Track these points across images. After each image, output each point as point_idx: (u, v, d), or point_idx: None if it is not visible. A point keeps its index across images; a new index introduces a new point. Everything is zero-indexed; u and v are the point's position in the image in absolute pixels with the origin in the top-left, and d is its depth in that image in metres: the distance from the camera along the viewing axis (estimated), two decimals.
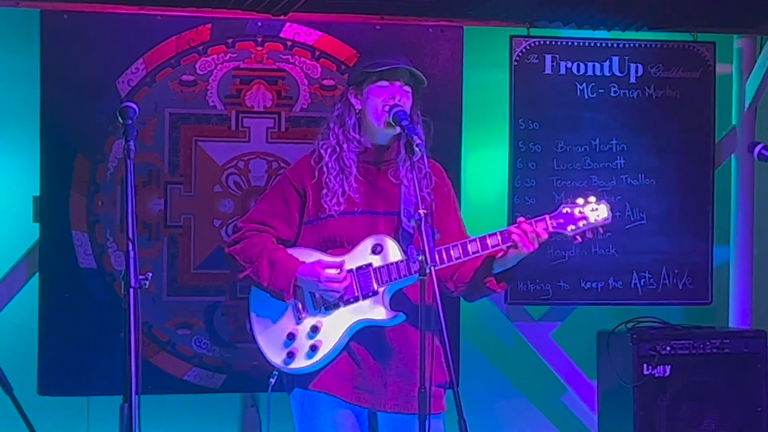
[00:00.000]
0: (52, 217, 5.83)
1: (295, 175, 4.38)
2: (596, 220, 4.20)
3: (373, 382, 4.25)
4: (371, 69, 4.28)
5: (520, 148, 6.36)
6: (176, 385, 5.97)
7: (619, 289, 6.47)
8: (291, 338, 4.28)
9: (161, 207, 5.93)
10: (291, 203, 4.34)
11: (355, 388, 4.25)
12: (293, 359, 4.27)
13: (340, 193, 4.26)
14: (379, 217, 4.28)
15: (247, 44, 6.01)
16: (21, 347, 5.82)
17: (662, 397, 6.18)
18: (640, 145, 6.47)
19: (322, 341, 4.24)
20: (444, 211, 4.38)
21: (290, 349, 4.28)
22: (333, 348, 4.23)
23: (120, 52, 5.86)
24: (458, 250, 4.18)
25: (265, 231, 4.34)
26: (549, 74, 6.38)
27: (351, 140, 4.31)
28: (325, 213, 4.27)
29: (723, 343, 6.28)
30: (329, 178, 4.28)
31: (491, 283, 4.27)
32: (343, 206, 4.26)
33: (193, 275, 5.97)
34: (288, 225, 4.34)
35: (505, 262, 4.21)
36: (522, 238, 4.12)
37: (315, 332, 4.25)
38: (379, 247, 4.24)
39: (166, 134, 5.93)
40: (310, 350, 4.24)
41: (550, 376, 6.62)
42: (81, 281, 5.85)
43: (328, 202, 4.26)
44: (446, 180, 4.44)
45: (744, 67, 6.67)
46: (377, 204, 4.29)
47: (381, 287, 4.22)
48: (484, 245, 4.18)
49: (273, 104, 6.04)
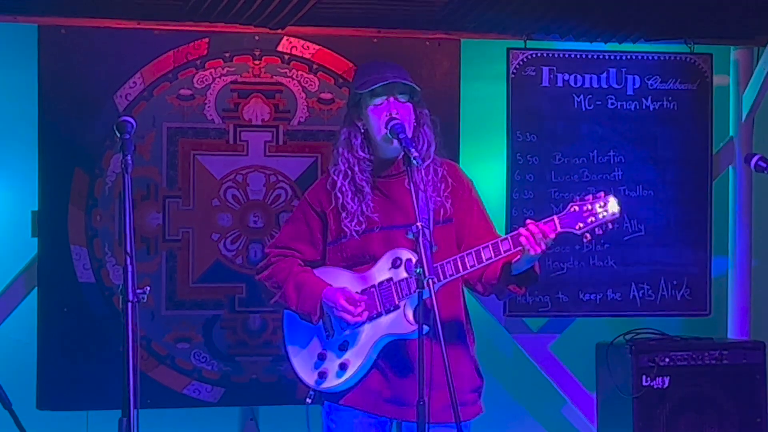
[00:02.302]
0: (51, 231, 5.83)
1: (314, 198, 4.45)
2: (605, 216, 4.18)
3: (399, 393, 4.29)
4: (363, 89, 4.31)
5: (517, 161, 6.37)
6: (175, 398, 5.97)
7: (617, 300, 6.47)
8: (321, 358, 4.36)
9: (159, 221, 5.94)
10: (313, 226, 4.43)
11: (382, 400, 4.31)
12: (325, 379, 4.35)
13: (359, 214, 4.32)
14: (398, 231, 4.29)
15: (244, 58, 6.02)
16: (20, 361, 5.82)
17: (661, 409, 6.18)
18: (637, 156, 6.48)
19: (350, 360, 4.31)
20: (466, 212, 4.39)
21: (321, 369, 4.36)
22: (361, 365, 4.29)
23: (117, 66, 5.87)
24: (473, 258, 4.20)
25: (291, 255, 4.44)
26: (546, 86, 6.39)
27: (362, 160, 4.36)
28: (347, 235, 4.33)
29: (722, 355, 6.29)
30: (346, 201, 4.34)
31: (513, 286, 4.29)
32: (364, 226, 4.32)
33: (192, 289, 5.97)
34: (313, 247, 4.44)
35: (519, 264, 4.22)
36: (529, 239, 4.12)
37: (343, 351, 4.33)
38: (399, 261, 4.29)
39: (164, 148, 5.94)
40: (339, 369, 4.31)
41: (549, 388, 6.62)
42: (79, 295, 5.85)
43: (348, 225, 4.33)
44: (463, 180, 4.45)
45: (741, 79, 6.67)
46: (395, 218, 4.33)
47: (402, 301, 4.27)
48: (497, 251, 4.19)
49: (271, 118, 6.05)
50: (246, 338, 6.01)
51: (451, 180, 4.37)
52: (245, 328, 6.01)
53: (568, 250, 6.34)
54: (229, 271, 5.99)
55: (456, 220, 4.35)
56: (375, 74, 4.32)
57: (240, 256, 6.00)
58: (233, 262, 5.99)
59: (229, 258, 5.98)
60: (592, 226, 4.18)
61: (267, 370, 6.04)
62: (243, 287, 6.00)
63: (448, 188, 4.34)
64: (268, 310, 5.97)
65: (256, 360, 6.02)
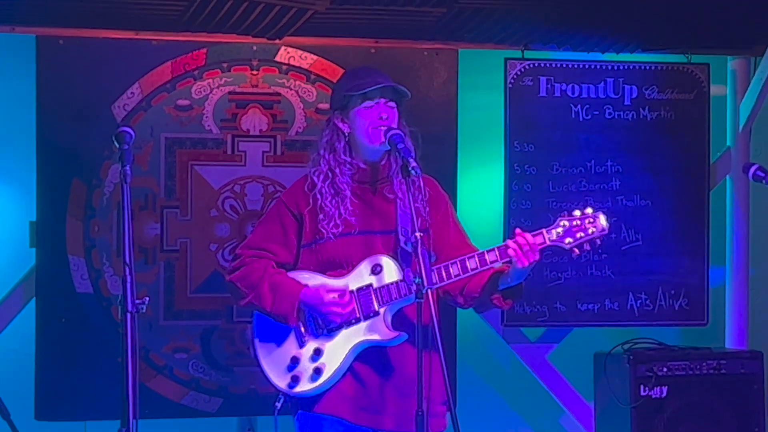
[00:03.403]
0: (49, 242, 5.83)
1: (291, 199, 4.41)
2: (593, 231, 4.19)
3: (375, 401, 4.27)
4: (354, 92, 4.31)
5: (515, 171, 6.37)
6: (173, 409, 5.96)
7: (615, 310, 6.47)
8: (295, 362, 4.31)
9: (157, 231, 5.94)
10: (288, 227, 4.38)
11: (358, 408, 4.27)
12: (298, 383, 4.30)
13: (337, 216, 4.29)
14: (377, 237, 4.30)
15: (242, 68, 6.02)
16: (18, 372, 5.81)
17: (659, 418, 6.17)
18: (635, 166, 6.48)
19: (326, 364, 4.27)
20: (443, 225, 4.39)
21: (294, 372, 4.31)
22: (336, 370, 4.25)
23: (115, 77, 5.87)
24: (457, 267, 4.19)
25: (265, 256, 4.38)
26: (544, 96, 6.40)
27: (343, 163, 4.34)
28: (323, 236, 4.30)
29: (720, 364, 6.29)
30: (324, 203, 4.31)
31: (497, 299, 4.28)
32: (341, 228, 4.29)
33: (190, 299, 5.97)
34: (287, 249, 4.39)
35: (507, 278, 4.21)
36: (516, 252, 4.12)
37: (318, 355, 4.28)
38: (379, 267, 4.26)
39: (162, 159, 5.94)
40: (314, 373, 4.27)
41: (547, 398, 6.61)
42: (78, 306, 5.84)
43: (325, 227, 4.29)
44: (441, 193, 4.46)
45: (738, 89, 6.67)
46: (374, 223, 4.31)
47: (382, 307, 4.25)
48: (482, 261, 4.19)
49: (269, 128, 6.05)
50: (244, 348, 6.00)
51: (429, 190, 4.33)
52: (243, 339, 6.00)
53: (565, 260, 6.33)
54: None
55: (433, 231, 4.30)
56: (367, 78, 4.33)
57: None
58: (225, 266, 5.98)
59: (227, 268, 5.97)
60: (580, 241, 4.18)
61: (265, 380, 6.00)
62: None
63: (425, 198, 4.29)
64: None
65: (254, 370, 5.96)
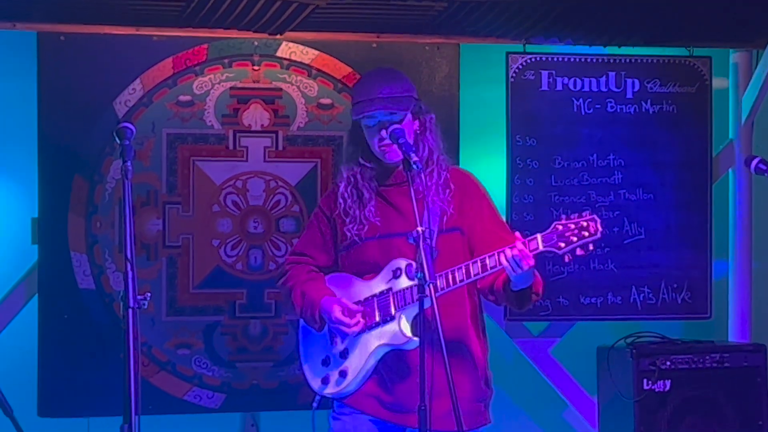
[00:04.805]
0: (51, 238, 5.83)
1: (326, 204, 4.52)
2: (586, 236, 4.16)
3: (399, 399, 4.31)
4: (354, 116, 4.37)
5: (517, 165, 6.37)
6: (176, 405, 5.96)
7: (618, 304, 6.47)
8: (325, 364, 4.43)
9: (159, 227, 5.94)
10: (325, 231, 4.49)
11: (382, 407, 4.33)
12: (327, 385, 4.41)
13: (362, 219, 4.36)
14: (398, 238, 4.31)
15: (243, 64, 6.02)
16: (21, 369, 5.81)
17: (663, 412, 6.17)
18: (637, 160, 6.47)
19: (350, 367, 4.35)
20: (475, 221, 4.38)
21: (324, 375, 4.42)
22: (358, 373, 4.33)
23: (117, 73, 5.87)
24: (462, 272, 4.22)
25: (304, 261, 4.51)
26: (546, 90, 6.39)
27: (365, 168, 4.41)
28: (351, 240, 4.38)
29: (723, 358, 6.28)
30: (348, 207, 4.39)
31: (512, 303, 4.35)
32: (366, 232, 4.36)
33: (192, 295, 5.97)
34: (326, 253, 4.50)
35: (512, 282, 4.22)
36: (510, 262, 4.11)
37: (344, 358, 4.38)
38: (399, 271, 4.33)
39: (163, 154, 5.94)
40: (339, 376, 4.37)
41: (550, 392, 6.61)
42: (80, 302, 5.84)
43: (351, 230, 4.37)
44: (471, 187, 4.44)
45: (740, 82, 6.67)
46: (396, 225, 4.35)
47: (397, 312, 4.29)
48: (484, 267, 4.19)
49: (270, 123, 6.05)
50: (246, 344, 6.00)
51: (454, 186, 4.36)
52: (246, 334, 6.01)
53: None
54: (229, 277, 5.99)
55: (466, 229, 4.35)
56: (365, 95, 4.33)
57: (240, 262, 6.00)
58: (233, 268, 5.98)
59: (229, 264, 5.98)
60: (574, 246, 4.16)
61: (268, 375, 6.03)
62: (243, 293, 6.00)
63: (451, 193, 4.33)
64: (269, 316, 5.99)
65: (256, 366, 6.01)
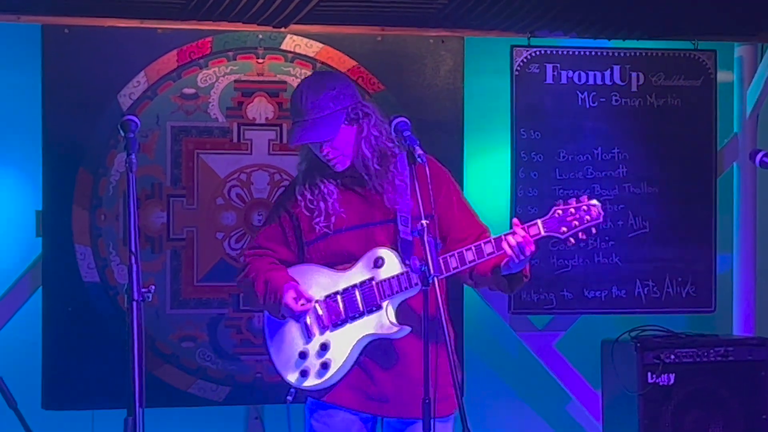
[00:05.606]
0: (55, 231, 5.83)
1: (286, 199, 4.46)
2: (588, 220, 4.17)
3: (382, 390, 4.29)
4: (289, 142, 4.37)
5: (522, 158, 6.36)
6: (180, 397, 5.96)
7: (622, 297, 6.47)
8: (303, 357, 4.35)
9: (164, 220, 5.94)
10: (286, 226, 4.42)
11: (366, 398, 4.31)
12: (306, 377, 4.34)
13: (329, 211, 4.30)
14: (376, 228, 4.29)
15: (248, 57, 6.01)
16: (25, 361, 5.82)
17: (667, 406, 6.17)
18: (642, 153, 6.47)
19: (332, 359, 4.30)
20: (446, 207, 4.34)
21: (303, 367, 4.35)
22: (343, 365, 4.29)
23: (121, 65, 5.87)
24: (456, 260, 4.19)
25: (265, 254, 4.43)
26: (550, 84, 6.39)
27: (323, 166, 4.35)
28: (321, 233, 4.32)
29: (727, 351, 6.28)
30: (309, 201, 4.33)
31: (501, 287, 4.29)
32: (336, 223, 4.30)
33: (197, 288, 5.97)
34: (287, 247, 4.42)
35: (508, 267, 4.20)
36: (513, 248, 4.11)
37: (325, 350, 4.31)
38: (381, 261, 4.27)
39: (168, 147, 5.94)
40: (321, 368, 4.31)
41: (554, 385, 6.61)
42: (84, 295, 5.85)
43: (319, 223, 4.31)
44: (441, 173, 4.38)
45: (745, 75, 6.67)
46: (372, 215, 4.31)
47: (384, 301, 4.26)
48: (480, 253, 4.18)
49: (274, 116, 6.05)
50: (251, 337, 6.00)
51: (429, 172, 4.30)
52: (250, 327, 6.01)
53: (572, 248, 6.28)
54: (233, 270, 5.94)
55: (437, 215, 4.25)
56: (294, 117, 4.29)
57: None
58: (238, 261, 5.97)
59: (233, 257, 5.98)
60: (576, 230, 4.16)
61: (272, 368, 5.98)
62: None
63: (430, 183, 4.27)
64: None
65: (260, 359, 6.00)
